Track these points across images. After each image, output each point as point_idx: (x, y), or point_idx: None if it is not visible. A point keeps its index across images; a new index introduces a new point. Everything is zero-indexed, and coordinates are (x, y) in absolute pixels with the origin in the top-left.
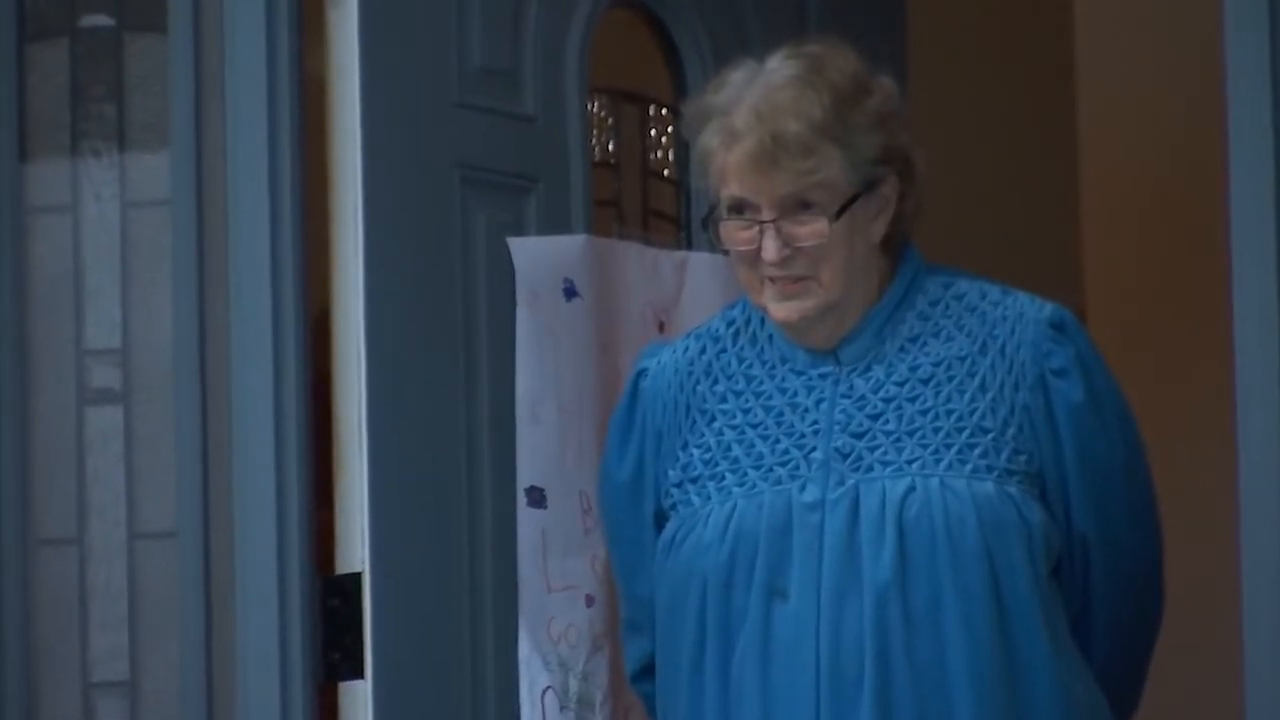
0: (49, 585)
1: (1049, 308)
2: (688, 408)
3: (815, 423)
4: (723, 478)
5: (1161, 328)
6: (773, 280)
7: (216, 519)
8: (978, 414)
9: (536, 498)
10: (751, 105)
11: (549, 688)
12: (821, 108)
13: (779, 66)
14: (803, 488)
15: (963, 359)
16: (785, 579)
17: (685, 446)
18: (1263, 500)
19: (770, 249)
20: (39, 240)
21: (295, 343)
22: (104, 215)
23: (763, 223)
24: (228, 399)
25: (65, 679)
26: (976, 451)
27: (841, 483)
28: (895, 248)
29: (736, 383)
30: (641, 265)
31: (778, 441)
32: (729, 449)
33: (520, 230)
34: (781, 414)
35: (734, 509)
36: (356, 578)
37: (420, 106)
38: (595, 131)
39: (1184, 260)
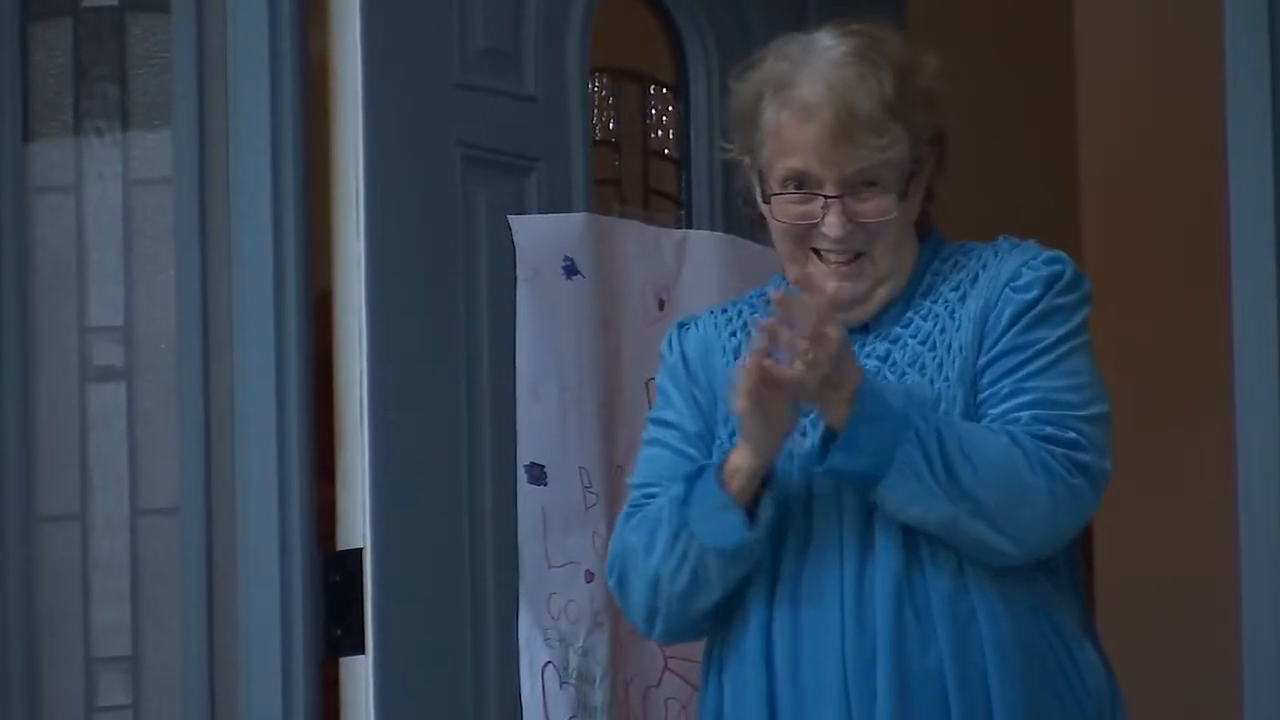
0: (52, 561)
1: (1046, 252)
2: (722, 350)
3: None
4: None
5: (1159, 309)
6: (821, 257)
7: (219, 495)
8: (961, 330)
9: (537, 474)
10: (821, 78)
11: (549, 663)
12: (891, 85)
13: (836, 43)
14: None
15: (956, 288)
16: (810, 530)
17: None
18: (1261, 477)
19: (834, 225)
20: (43, 219)
21: (297, 320)
22: (107, 194)
23: (828, 198)
24: (230, 376)
25: (68, 653)
26: (955, 371)
27: None
28: (922, 225)
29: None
30: (642, 243)
31: None
32: None
33: (521, 209)
34: None
35: (773, 469)
36: (358, 553)
37: (422, 86)
38: (596, 111)
39: (1182, 242)
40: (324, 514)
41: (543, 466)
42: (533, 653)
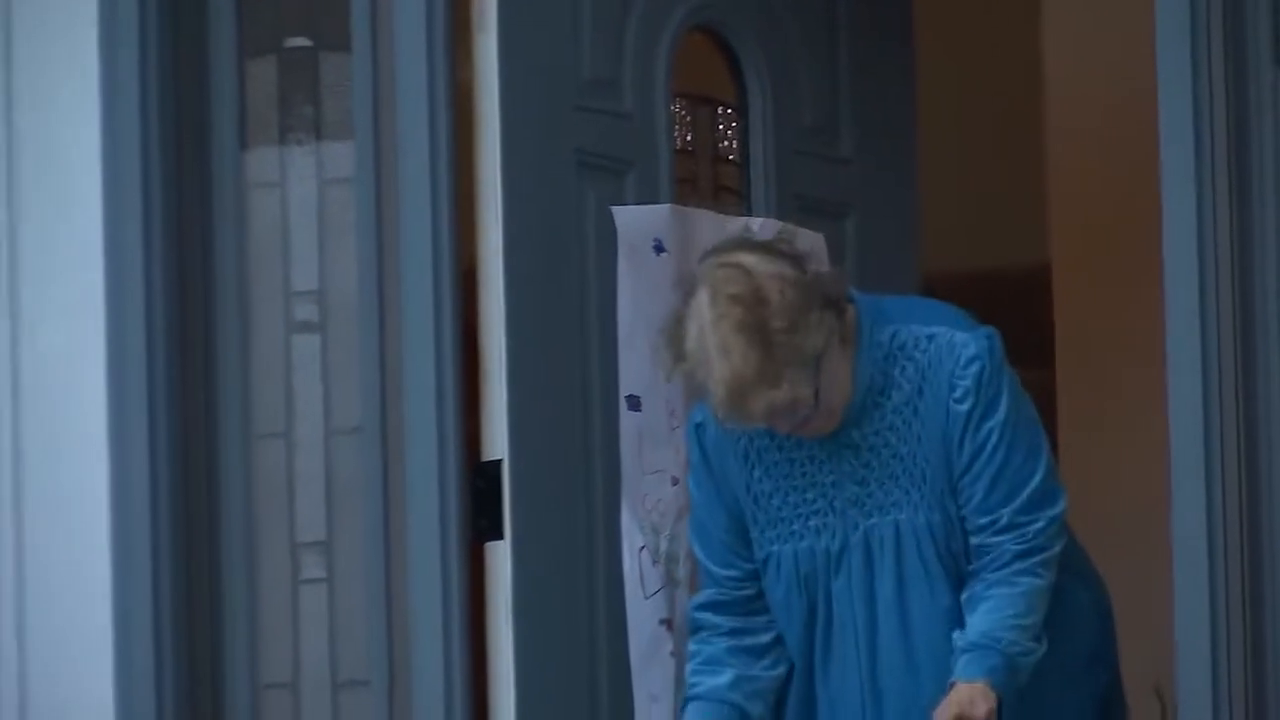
0: (265, 469)
1: (962, 343)
2: (744, 452)
3: (831, 473)
4: (777, 525)
5: (1109, 278)
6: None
7: (391, 419)
8: (924, 448)
9: (634, 403)
10: (722, 381)
11: (644, 546)
12: (760, 349)
13: (714, 316)
14: (833, 536)
15: (908, 403)
16: (831, 599)
17: (747, 489)
18: (1190, 424)
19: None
20: (256, 209)
21: (450, 288)
22: (305, 190)
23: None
24: (400, 329)
25: (278, 540)
26: (928, 485)
27: (857, 528)
28: (849, 331)
29: (764, 439)
30: (713, 228)
31: (805, 492)
32: (771, 498)
33: (621, 201)
34: (804, 467)
35: (795, 557)
36: (498, 464)
37: (545, 108)
38: (677, 126)
39: (1124, 214)
40: (472, 433)
41: (638, 397)
42: (631, 539)
